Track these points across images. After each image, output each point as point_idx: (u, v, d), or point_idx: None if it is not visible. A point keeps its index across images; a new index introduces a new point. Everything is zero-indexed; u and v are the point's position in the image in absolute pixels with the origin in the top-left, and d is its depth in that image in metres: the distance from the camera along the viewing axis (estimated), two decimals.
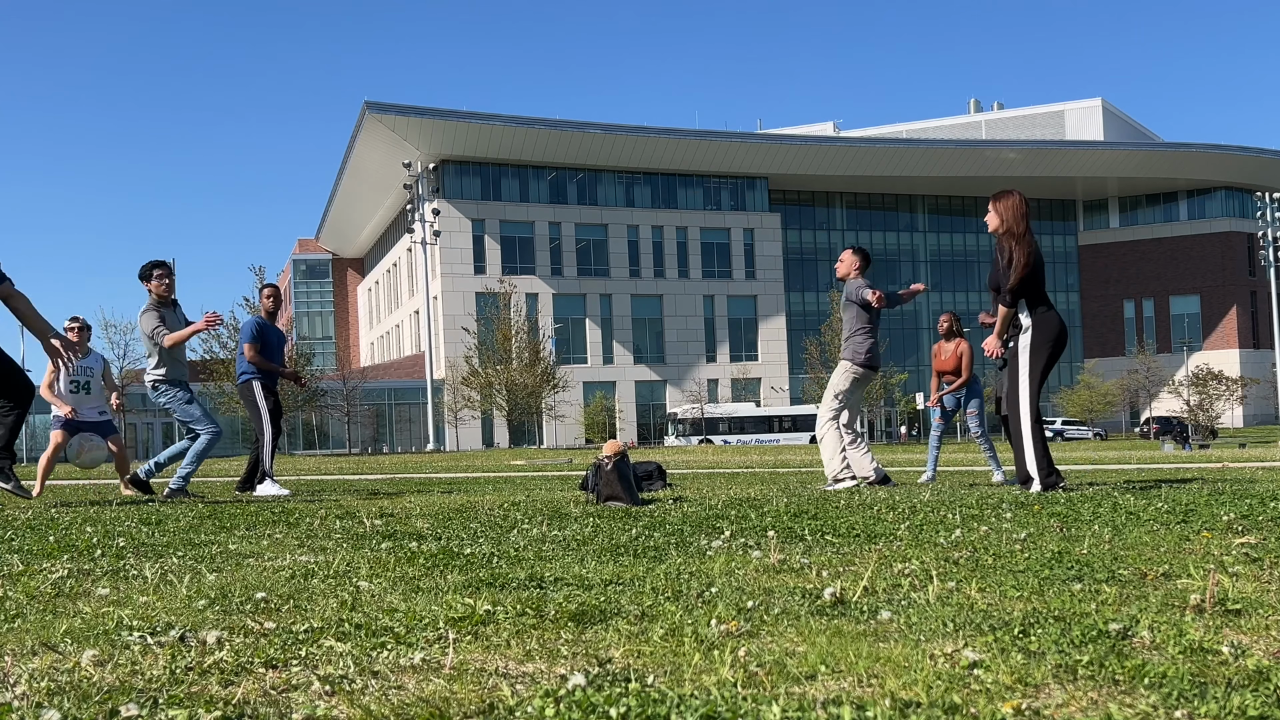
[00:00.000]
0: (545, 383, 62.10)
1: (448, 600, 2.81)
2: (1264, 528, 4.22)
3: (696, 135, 77.04)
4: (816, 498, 6.99)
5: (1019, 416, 7.28)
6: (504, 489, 10.47)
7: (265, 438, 9.87)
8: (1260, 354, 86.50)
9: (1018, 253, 7.20)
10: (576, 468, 23.14)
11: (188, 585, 3.21)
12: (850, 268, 9.20)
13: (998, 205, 7.41)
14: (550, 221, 76.47)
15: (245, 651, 2.20)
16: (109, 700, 1.81)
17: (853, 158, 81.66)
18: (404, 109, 69.17)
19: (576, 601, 2.72)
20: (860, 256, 9.23)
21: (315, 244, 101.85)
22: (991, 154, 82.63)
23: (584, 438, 72.86)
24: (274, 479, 9.82)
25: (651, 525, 4.94)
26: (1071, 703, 1.74)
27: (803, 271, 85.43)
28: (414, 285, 77.45)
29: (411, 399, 71.65)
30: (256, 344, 9.93)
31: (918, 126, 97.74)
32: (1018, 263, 7.17)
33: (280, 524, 5.56)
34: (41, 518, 6.42)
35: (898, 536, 4.25)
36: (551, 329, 73.35)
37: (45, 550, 4.34)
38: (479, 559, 3.77)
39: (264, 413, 9.88)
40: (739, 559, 3.62)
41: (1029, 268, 7.17)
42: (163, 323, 9.13)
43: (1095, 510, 5.17)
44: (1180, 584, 2.92)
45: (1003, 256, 7.28)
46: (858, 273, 9.15)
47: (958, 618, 2.42)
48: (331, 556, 3.91)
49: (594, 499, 6.79)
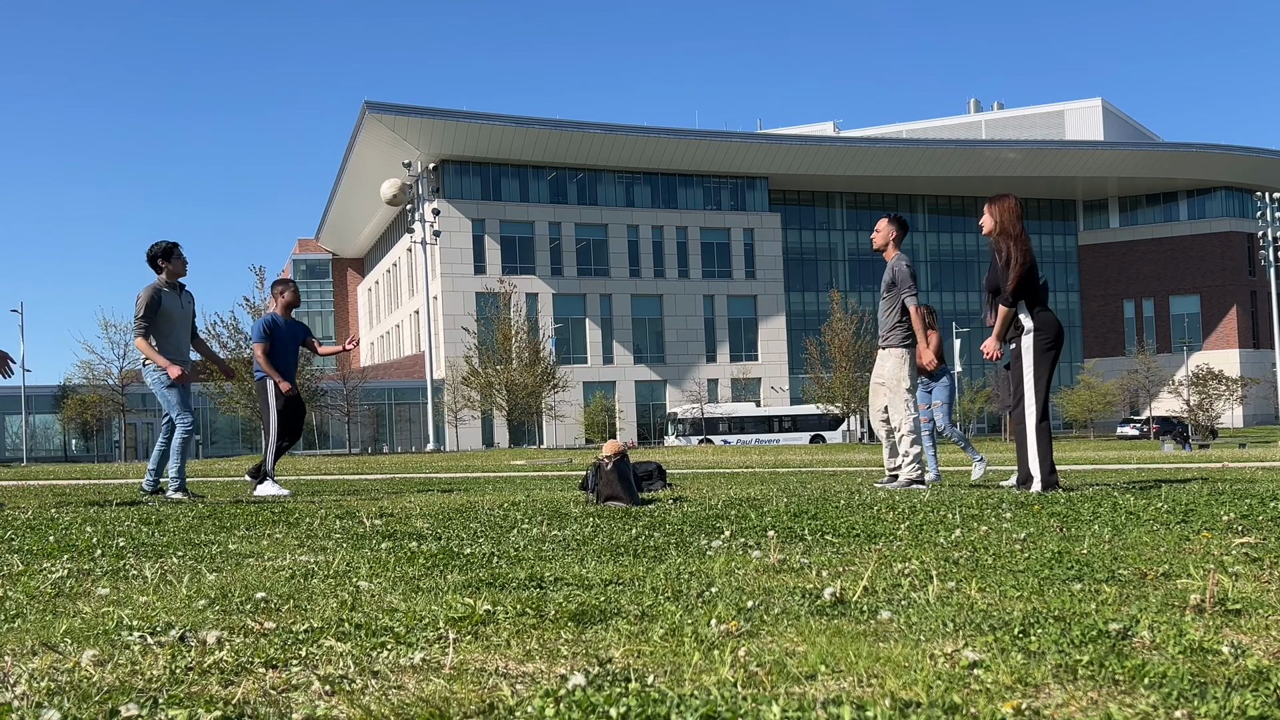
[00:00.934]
0: (545, 383, 62.10)
1: (448, 600, 2.81)
2: (1264, 528, 4.22)
3: (696, 135, 77.04)
4: (817, 498, 6.99)
5: (1024, 417, 7.29)
6: (504, 489, 10.46)
7: (270, 437, 9.84)
8: (1260, 354, 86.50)
9: (1014, 252, 7.22)
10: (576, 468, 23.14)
11: (188, 585, 3.21)
12: (887, 238, 8.69)
13: (992, 208, 7.46)
14: (550, 221, 76.47)
15: (245, 651, 2.20)
16: (109, 700, 1.81)
17: (853, 158, 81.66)
18: (404, 109, 69.19)
19: (576, 601, 2.72)
20: (897, 226, 8.69)
21: (315, 244, 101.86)
22: (991, 154, 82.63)
23: (584, 438, 72.86)
24: (274, 479, 9.80)
25: (651, 525, 4.94)
26: (1071, 703, 1.74)
27: (803, 271, 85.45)
28: (414, 285, 77.46)
29: (411, 399, 71.66)
30: (265, 343, 9.80)
31: (918, 126, 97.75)
32: (1016, 261, 7.19)
33: (280, 524, 5.56)
34: (41, 518, 6.42)
35: (898, 536, 4.25)
36: (551, 329, 73.35)
37: (45, 550, 4.34)
38: (479, 559, 3.77)
39: (272, 413, 9.84)
40: (739, 559, 3.62)
41: (1026, 265, 7.19)
42: (158, 306, 8.93)
43: (1095, 510, 5.17)
44: (1180, 584, 2.92)
45: (1000, 257, 7.31)
46: (895, 245, 8.67)
47: (958, 618, 2.42)
48: (331, 556, 3.91)
49: (594, 499, 6.79)
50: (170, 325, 9.06)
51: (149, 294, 8.92)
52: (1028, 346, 7.28)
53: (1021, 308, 7.32)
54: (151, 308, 8.92)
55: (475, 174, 74.97)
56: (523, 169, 76.04)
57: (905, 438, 8.43)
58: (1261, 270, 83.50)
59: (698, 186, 79.98)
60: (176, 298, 9.09)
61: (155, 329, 9.01)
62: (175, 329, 9.09)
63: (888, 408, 8.62)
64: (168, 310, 8.99)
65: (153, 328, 9.00)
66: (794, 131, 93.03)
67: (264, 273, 59.51)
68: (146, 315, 8.92)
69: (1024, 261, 7.18)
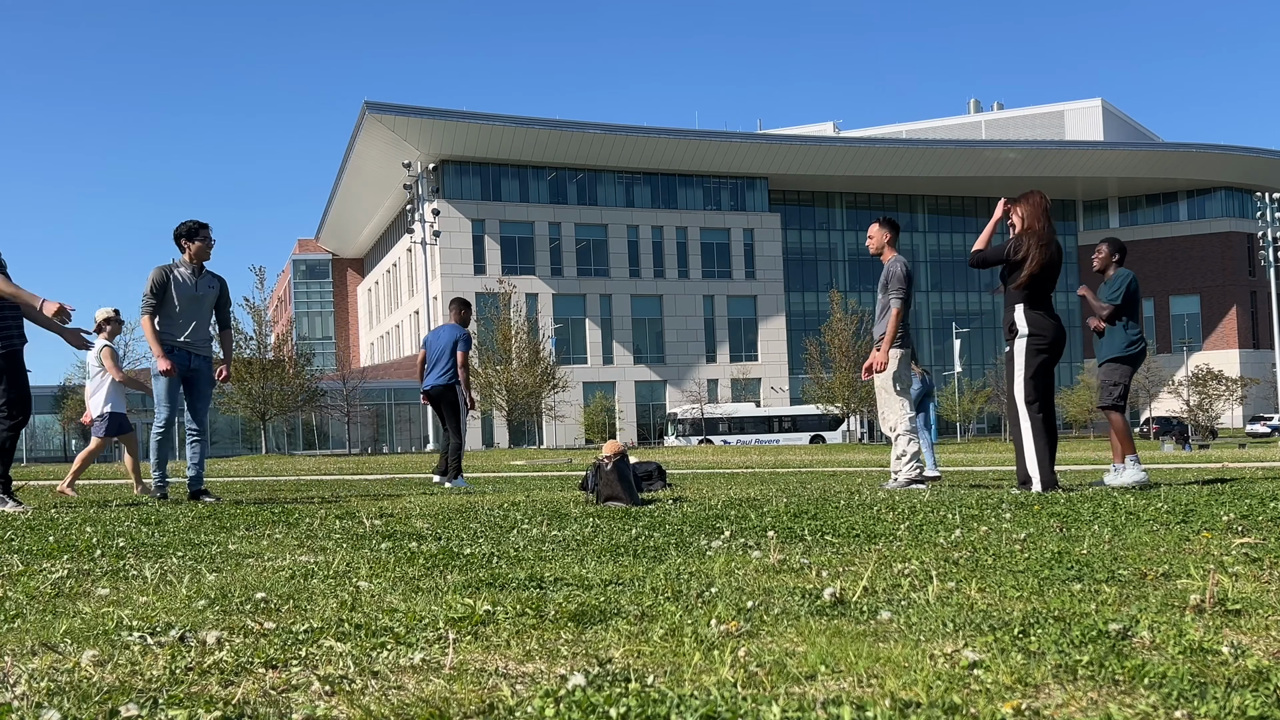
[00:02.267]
0: (545, 383, 62.10)
1: (448, 600, 2.81)
2: (1264, 528, 4.22)
3: (696, 135, 77.02)
4: (817, 498, 6.99)
5: (1018, 418, 7.30)
6: (504, 489, 10.46)
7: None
8: (1260, 354, 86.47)
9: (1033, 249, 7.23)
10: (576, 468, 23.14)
11: (188, 585, 3.21)
12: (881, 242, 8.63)
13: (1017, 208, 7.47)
14: (550, 221, 76.45)
15: (245, 651, 2.20)
16: (109, 700, 1.81)
17: (853, 158, 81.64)
18: (404, 109, 69.17)
19: (576, 601, 2.72)
20: (889, 228, 8.63)
21: (315, 244, 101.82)
22: (991, 154, 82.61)
23: (584, 438, 72.85)
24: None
25: (651, 525, 4.94)
26: (1071, 703, 1.74)
27: (803, 271, 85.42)
28: (414, 285, 77.44)
29: (411, 399, 71.58)
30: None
31: (918, 126, 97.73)
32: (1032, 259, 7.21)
33: (280, 524, 5.56)
34: (41, 518, 6.42)
35: (898, 536, 4.25)
36: (551, 329, 73.33)
37: (45, 550, 4.33)
38: (479, 559, 3.77)
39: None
40: (739, 559, 3.62)
41: (1036, 268, 7.20)
42: (165, 286, 8.43)
43: (1095, 510, 5.17)
44: (1180, 584, 2.92)
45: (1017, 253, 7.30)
46: (890, 246, 8.61)
47: (958, 618, 2.42)
48: (331, 556, 3.91)
49: (594, 499, 6.79)
50: (175, 308, 8.51)
51: (156, 274, 8.47)
52: (1020, 350, 7.31)
53: (1019, 310, 7.33)
54: (157, 288, 8.45)
55: (475, 174, 74.95)
56: (523, 169, 76.01)
57: (901, 437, 8.43)
58: (1261, 270, 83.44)
59: (697, 186, 79.96)
60: (192, 280, 8.56)
61: (161, 310, 8.50)
62: (185, 312, 8.56)
63: (880, 407, 8.60)
64: (176, 292, 8.47)
65: (159, 308, 8.49)
66: (794, 131, 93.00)
67: (264, 273, 59.60)
68: (152, 294, 8.45)
69: (1039, 262, 7.19)
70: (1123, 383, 8.55)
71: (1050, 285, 7.31)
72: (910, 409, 8.50)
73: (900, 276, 8.46)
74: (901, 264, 8.54)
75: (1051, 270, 7.26)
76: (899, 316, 8.45)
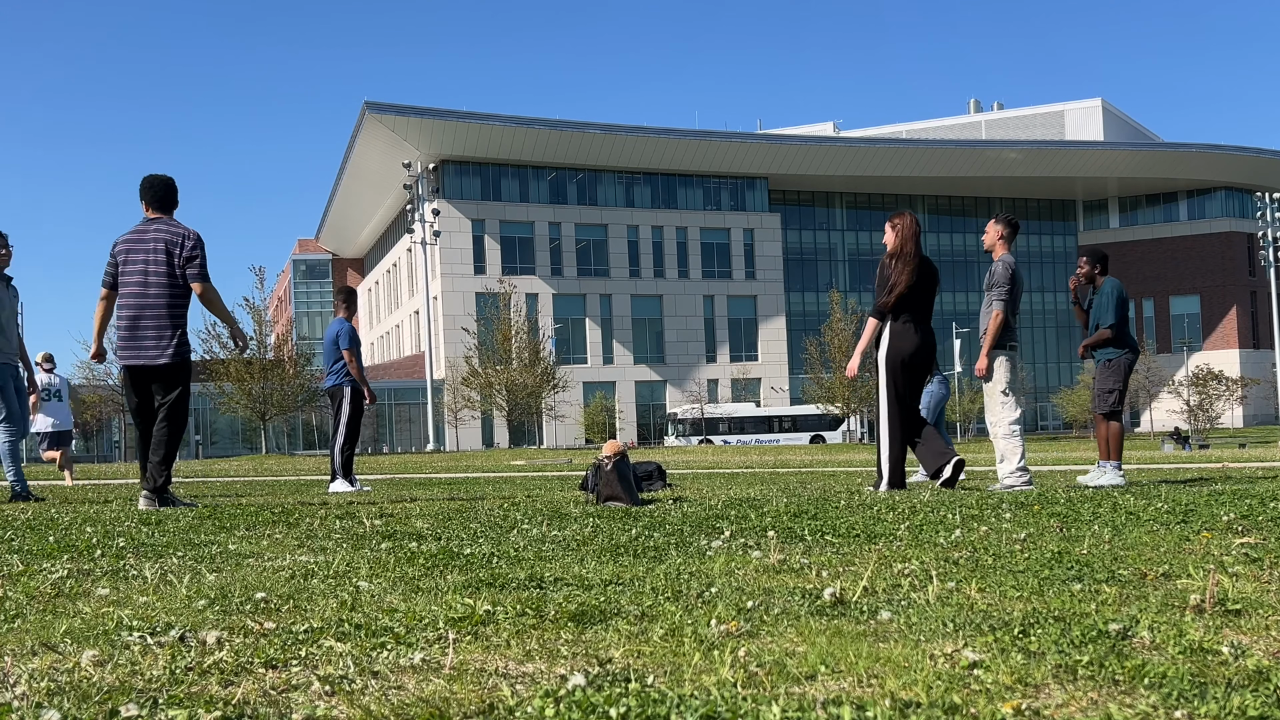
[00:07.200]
0: (545, 383, 62.09)
1: (448, 600, 2.81)
2: (1264, 528, 4.22)
3: (696, 135, 77.01)
4: (817, 498, 6.99)
5: (879, 421, 7.90)
6: (504, 489, 10.46)
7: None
8: (1260, 354, 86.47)
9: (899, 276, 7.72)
10: (576, 468, 23.14)
11: (188, 585, 3.21)
12: (993, 239, 8.35)
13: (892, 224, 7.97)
14: (550, 222, 76.44)
15: (245, 651, 2.20)
16: (109, 700, 1.81)
17: (853, 158, 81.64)
18: (404, 109, 69.15)
19: (576, 601, 2.72)
20: (1005, 225, 8.33)
21: (315, 244, 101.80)
22: (991, 154, 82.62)
23: (584, 438, 72.84)
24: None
25: (651, 525, 4.94)
26: (1071, 703, 1.74)
27: (803, 271, 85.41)
28: (414, 285, 77.43)
29: (411, 399, 71.65)
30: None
31: (918, 126, 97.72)
32: (896, 284, 7.73)
33: (280, 524, 5.56)
34: (41, 518, 6.42)
35: (898, 536, 4.25)
36: (551, 329, 73.32)
37: (45, 550, 4.33)
38: (479, 559, 3.77)
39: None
40: (739, 559, 3.62)
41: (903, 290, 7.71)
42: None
43: (1095, 510, 5.17)
44: (1180, 584, 2.92)
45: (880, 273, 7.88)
46: (1004, 245, 8.30)
47: (958, 618, 2.42)
48: (331, 556, 3.91)
49: (594, 499, 6.79)
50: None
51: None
52: (881, 358, 7.87)
53: (886, 325, 7.84)
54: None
55: (475, 174, 74.93)
56: (523, 169, 76.00)
57: (1000, 440, 8.11)
58: (1261, 270, 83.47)
59: (697, 187, 79.95)
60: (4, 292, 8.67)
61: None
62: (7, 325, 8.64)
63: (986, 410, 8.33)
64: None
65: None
66: (794, 131, 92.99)
67: (264, 273, 59.57)
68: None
69: (905, 284, 7.71)
70: (1117, 389, 8.62)
71: (922, 302, 7.79)
72: (1015, 410, 8.15)
73: (1008, 279, 8.17)
74: (1005, 264, 8.23)
75: (921, 290, 7.76)
76: (999, 318, 8.16)
